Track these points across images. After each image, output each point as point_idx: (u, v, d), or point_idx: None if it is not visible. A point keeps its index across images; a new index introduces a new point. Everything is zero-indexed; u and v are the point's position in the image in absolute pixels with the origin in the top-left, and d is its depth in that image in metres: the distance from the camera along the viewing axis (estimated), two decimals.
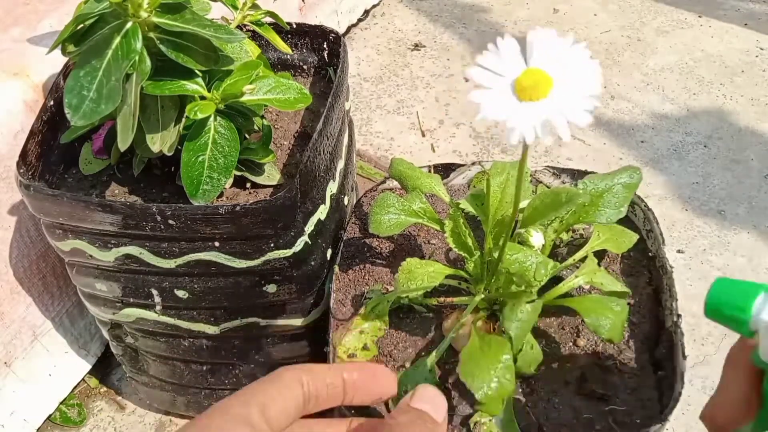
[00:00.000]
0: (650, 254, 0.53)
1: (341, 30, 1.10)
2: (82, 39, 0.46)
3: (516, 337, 0.41)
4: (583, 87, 0.29)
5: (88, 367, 0.73)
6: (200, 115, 0.47)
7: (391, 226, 0.49)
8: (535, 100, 0.29)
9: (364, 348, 0.49)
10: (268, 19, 0.59)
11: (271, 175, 0.54)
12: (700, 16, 1.13)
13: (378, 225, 0.49)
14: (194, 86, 0.48)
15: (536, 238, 0.47)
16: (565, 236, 0.53)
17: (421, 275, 0.46)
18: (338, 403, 0.35)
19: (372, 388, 0.36)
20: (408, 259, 0.46)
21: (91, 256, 0.52)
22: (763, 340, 0.29)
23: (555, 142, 0.92)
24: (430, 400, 0.35)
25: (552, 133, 0.29)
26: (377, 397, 0.37)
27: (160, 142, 0.48)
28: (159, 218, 0.47)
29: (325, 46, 0.64)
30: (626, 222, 0.54)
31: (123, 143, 0.46)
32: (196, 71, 0.47)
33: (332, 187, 0.57)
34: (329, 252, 0.57)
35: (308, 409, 0.34)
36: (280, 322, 0.57)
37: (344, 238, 0.57)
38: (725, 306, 0.31)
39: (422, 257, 0.55)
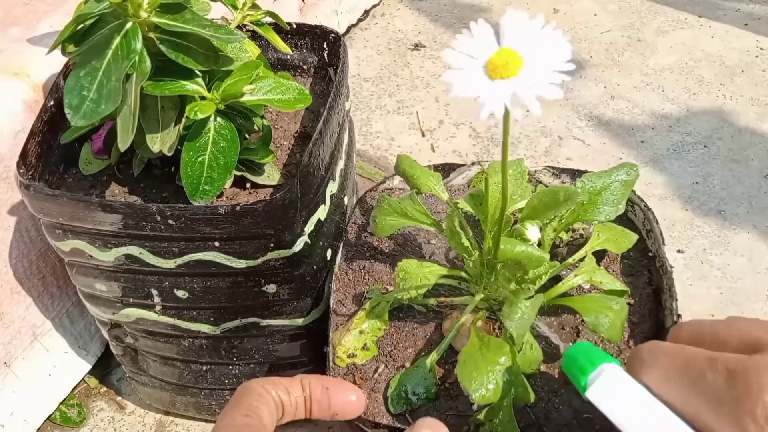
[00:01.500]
0: (650, 254, 0.53)
1: (341, 30, 1.10)
2: (82, 39, 0.46)
3: (517, 336, 0.41)
4: (551, 63, 0.30)
5: (88, 367, 0.73)
6: (200, 115, 0.47)
7: (387, 228, 0.49)
8: (506, 77, 0.30)
9: (364, 348, 0.49)
10: (268, 19, 0.59)
11: (271, 175, 0.54)
12: (700, 16, 1.13)
13: (375, 227, 0.49)
14: (194, 86, 0.48)
15: (532, 231, 0.46)
16: (564, 236, 0.53)
17: (418, 276, 0.46)
18: (303, 416, 0.36)
19: (335, 402, 0.37)
20: (405, 260, 0.47)
21: (90, 256, 0.52)
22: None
23: (554, 142, 0.92)
24: (429, 427, 0.36)
25: (522, 107, 0.29)
26: (339, 412, 0.38)
27: (160, 143, 0.48)
28: (159, 218, 0.47)
29: (325, 46, 0.64)
30: (626, 222, 0.54)
31: (123, 143, 0.46)
32: (196, 71, 0.48)
33: (332, 187, 0.57)
34: (329, 252, 0.57)
35: (279, 418, 0.36)
36: (280, 322, 0.57)
37: (344, 238, 0.57)
38: (571, 367, 0.31)
39: (422, 257, 0.55)
